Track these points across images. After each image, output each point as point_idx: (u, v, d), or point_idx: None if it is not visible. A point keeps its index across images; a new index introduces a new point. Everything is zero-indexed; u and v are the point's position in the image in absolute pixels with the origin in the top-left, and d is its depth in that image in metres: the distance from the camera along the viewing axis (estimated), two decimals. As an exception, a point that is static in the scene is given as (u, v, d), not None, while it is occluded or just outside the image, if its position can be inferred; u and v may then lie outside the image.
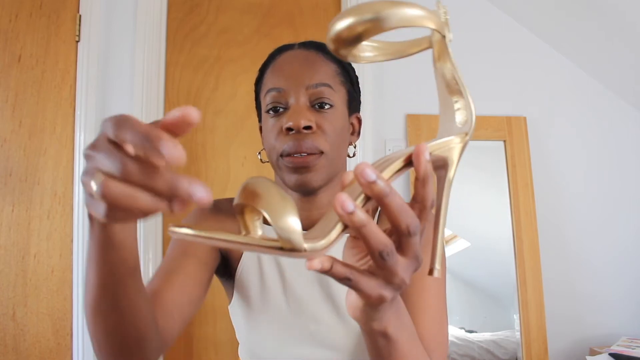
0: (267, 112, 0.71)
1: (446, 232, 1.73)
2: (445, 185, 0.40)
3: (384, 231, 0.35)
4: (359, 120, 0.80)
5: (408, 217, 0.34)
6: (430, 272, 0.39)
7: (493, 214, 1.77)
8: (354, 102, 0.77)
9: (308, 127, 0.66)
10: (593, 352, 1.58)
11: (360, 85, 0.80)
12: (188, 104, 1.72)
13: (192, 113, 0.30)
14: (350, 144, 0.78)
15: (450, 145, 0.39)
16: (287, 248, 0.30)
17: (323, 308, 0.71)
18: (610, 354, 1.46)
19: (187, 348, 1.64)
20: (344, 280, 0.35)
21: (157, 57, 1.68)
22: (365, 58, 0.40)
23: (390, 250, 0.34)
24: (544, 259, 1.69)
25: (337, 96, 0.71)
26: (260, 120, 0.78)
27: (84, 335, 1.52)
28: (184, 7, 1.76)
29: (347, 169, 0.78)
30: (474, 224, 1.79)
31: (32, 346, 1.49)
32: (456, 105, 0.42)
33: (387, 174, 0.36)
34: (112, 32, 1.66)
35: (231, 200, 0.81)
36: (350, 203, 0.32)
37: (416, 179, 0.36)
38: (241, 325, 0.76)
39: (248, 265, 0.76)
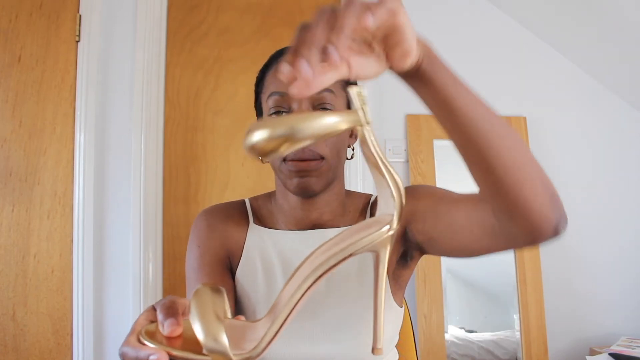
0: (270, 115, 0.71)
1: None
2: (380, 266, 0.42)
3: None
4: None
5: None
6: (373, 351, 0.42)
7: (493, 214, 1.76)
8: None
9: None
10: (593, 352, 1.58)
11: None
12: (188, 104, 1.72)
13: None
14: (349, 146, 0.79)
15: (381, 238, 0.41)
16: None
17: (325, 304, 0.72)
18: (610, 354, 1.46)
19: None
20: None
21: (157, 57, 1.68)
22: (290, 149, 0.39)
23: None
24: (544, 259, 1.69)
25: (338, 101, 0.72)
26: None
27: (84, 335, 1.52)
28: (184, 7, 1.76)
29: (345, 171, 0.79)
30: (474, 224, 1.78)
31: (32, 346, 1.49)
32: (385, 184, 0.43)
33: None
34: (112, 32, 1.66)
35: (226, 204, 0.83)
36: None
37: None
38: None
39: (249, 263, 0.76)
